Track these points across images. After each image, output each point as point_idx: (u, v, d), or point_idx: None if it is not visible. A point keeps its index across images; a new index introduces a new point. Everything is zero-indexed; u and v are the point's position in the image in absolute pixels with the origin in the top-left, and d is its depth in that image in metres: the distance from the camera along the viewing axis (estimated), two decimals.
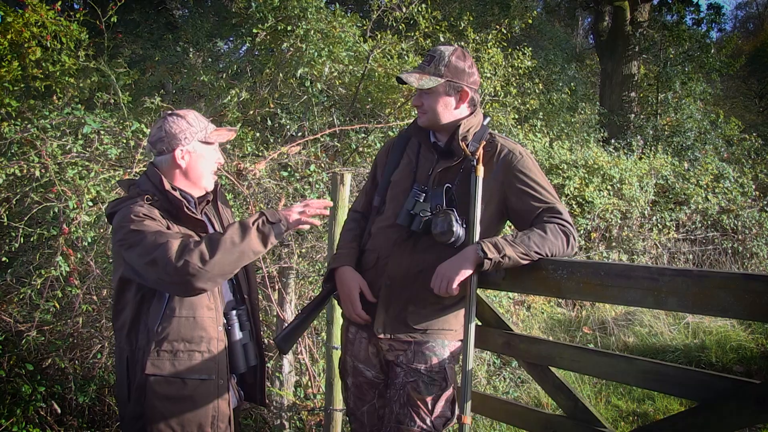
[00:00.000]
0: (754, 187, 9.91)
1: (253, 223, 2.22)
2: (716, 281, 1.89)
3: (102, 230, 4.04)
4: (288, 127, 5.67)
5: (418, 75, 2.47)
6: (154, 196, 2.33)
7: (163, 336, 2.27)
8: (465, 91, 2.49)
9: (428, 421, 2.40)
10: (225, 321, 2.42)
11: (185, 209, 2.32)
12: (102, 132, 4.19)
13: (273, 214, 2.26)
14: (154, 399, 2.26)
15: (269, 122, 5.75)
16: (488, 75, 7.12)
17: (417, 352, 2.43)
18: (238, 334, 2.45)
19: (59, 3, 5.36)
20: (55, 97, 5.08)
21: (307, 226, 2.39)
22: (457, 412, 2.45)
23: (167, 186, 2.34)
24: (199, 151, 2.42)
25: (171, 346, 2.27)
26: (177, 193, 2.35)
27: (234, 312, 2.46)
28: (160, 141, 2.39)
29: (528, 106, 8.55)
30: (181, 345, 2.28)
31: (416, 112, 2.58)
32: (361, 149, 5.65)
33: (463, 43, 7.20)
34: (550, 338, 6.30)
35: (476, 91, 2.55)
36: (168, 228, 2.28)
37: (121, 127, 4.32)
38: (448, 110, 2.50)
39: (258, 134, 5.46)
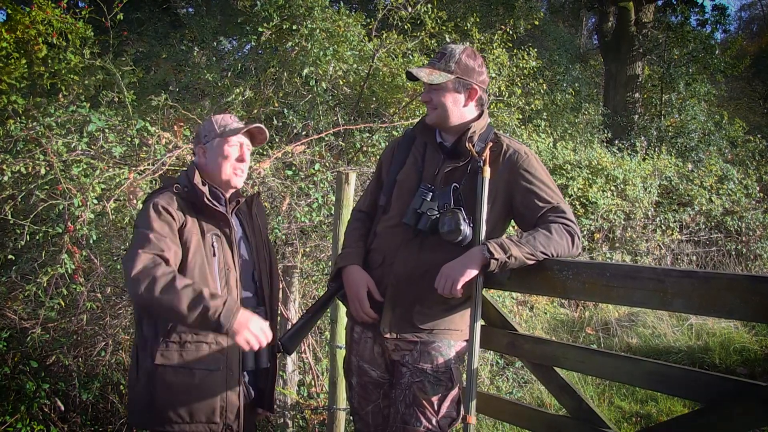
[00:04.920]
0: (758, 188, 9.88)
1: (204, 307, 2.15)
2: (723, 283, 1.89)
3: (106, 228, 4.04)
4: (293, 125, 5.68)
5: (429, 70, 2.48)
6: (185, 187, 2.46)
7: (170, 327, 2.34)
8: (474, 89, 2.49)
9: (434, 421, 2.40)
10: None
11: (205, 200, 2.42)
12: (107, 130, 4.19)
13: (228, 315, 2.17)
14: (164, 388, 2.33)
15: (274, 121, 5.75)
16: (493, 75, 7.11)
17: (423, 352, 2.43)
18: None
19: (65, 1, 5.36)
20: (60, 95, 5.08)
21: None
22: (462, 412, 2.45)
23: (196, 179, 2.45)
24: (214, 146, 2.52)
25: (179, 337, 2.35)
26: (204, 188, 2.46)
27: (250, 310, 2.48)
28: (193, 142, 2.60)
29: (532, 106, 8.54)
30: (189, 336, 2.35)
31: (426, 109, 2.56)
32: (365, 149, 5.64)
33: (468, 43, 7.19)
34: (554, 339, 6.29)
35: (484, 91, 2.55)
36: (183, 224, 2.38)
37: (125, 125, 4.33)
38: (457, 107, 2.49)
39: None
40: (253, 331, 2.22)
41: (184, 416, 2.33)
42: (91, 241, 3.91)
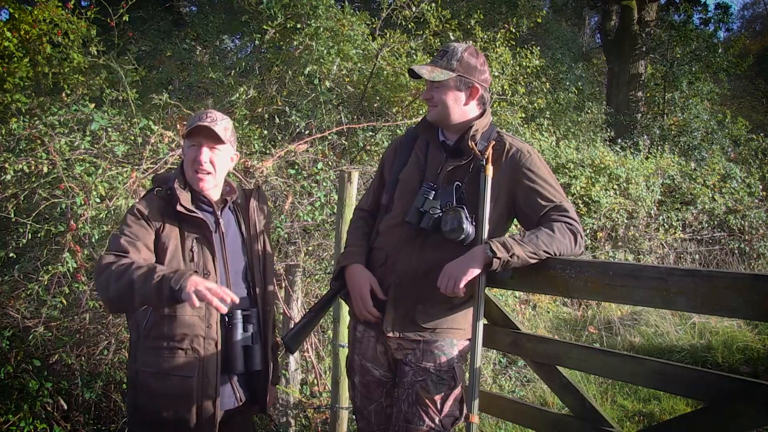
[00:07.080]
0: (761, 187, 9.88)
1: (157, 278, 2.10)
2: (725, 281, 1.88)
3: (109, 227, 4.05)
4: (296, 124, 5.68)
5: (430, 68, 2.47)
6: (167, 190, 2.41)
7: (147, 332, 2.34)
8: (475, 88, 2.49)
9: (437, 420, 2.40)
10: (226, 320, 2.42)
11: (178, 206, 2.36)
12: (109, 129, 4.20)
13: (178, 280, 2.06)
14: (141, 392, 2.35)
15: (277, 120, 5.75)
16: (496, 74, 7.11)
17: (426, 351, 2.43)
18: (239, 336, 2.44)
19: (72, 1, 5.36)
20: (64, 94, 5.09)
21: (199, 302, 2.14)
22: (464, 411, 2.45)
23: (177, 183, 2.41)
24: (185, 150, 2.49)
25: (155, 343, 2.34)
26: (184, 192, 2.41)
27: (239, 312, 2.45)
28: None
29: (535, 105, 8.53)
30: (164, 342, 2.33)
31: (427, 107, 2.57)
32: (368, 147, 5.65)
33: (471, 42, 7.19)
34: (556, 338, 6.28)
35: (486, 90, 2.55)
36: (160, 229, 2.35)
37: (128, 125, 4.33)
38: (458, 105, 2.49)
39: (266, 132, 5.46)
40: (209, 287, 2.07)
41: (159, 421, 2.33)
42: (93, 240, 3.91)
